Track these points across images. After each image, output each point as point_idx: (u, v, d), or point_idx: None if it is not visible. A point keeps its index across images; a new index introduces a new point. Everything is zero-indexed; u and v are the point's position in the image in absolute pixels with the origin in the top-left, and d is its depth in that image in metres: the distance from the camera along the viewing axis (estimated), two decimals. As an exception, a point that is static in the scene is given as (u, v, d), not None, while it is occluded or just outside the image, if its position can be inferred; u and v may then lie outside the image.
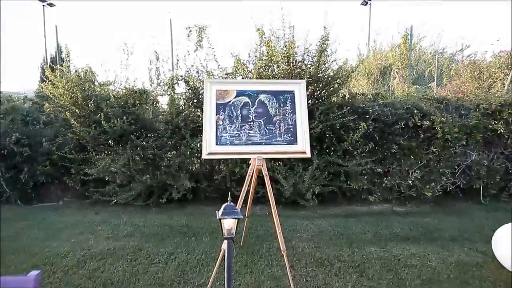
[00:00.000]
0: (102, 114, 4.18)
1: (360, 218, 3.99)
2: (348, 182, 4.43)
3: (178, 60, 5.19)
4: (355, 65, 4.54)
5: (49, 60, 9.45)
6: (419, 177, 4.58)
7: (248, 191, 2.46)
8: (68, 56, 5.09)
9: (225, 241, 1.56)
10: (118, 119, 4.24)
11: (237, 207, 2.32)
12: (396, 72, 9.95)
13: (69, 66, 4.97)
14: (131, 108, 4.47)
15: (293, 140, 2.28)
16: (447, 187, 4.81)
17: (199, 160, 4.50)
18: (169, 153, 4.33)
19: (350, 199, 4.72)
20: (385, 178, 4.60)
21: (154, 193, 4.35)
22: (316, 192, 4.14)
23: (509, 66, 6.45)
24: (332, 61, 4.26)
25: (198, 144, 4.11)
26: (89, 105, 4.38)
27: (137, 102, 4.58)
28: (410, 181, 4.60)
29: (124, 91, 4.64)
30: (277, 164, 4.25)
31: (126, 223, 3.75)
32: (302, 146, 2.26)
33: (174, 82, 4.51)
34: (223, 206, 1.55)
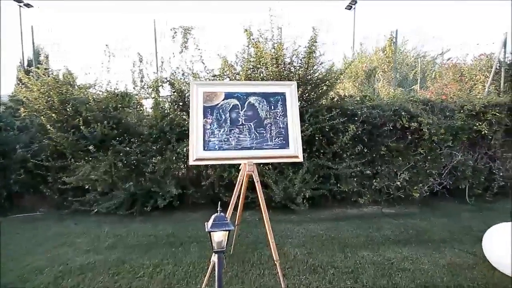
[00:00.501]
0: (81, 118, 3.95)
1: (351, 221, 3.94)
2: (338, 185, 4.40)
3: (162, 62, 5.03)
4: (343, 67, 4.53)
5: (25, 63, 9.00)
6: (407, 179, 4.61)
7: (238, 198, 2.34)
8: (46, 58, 4.82)
9: (215, 255, 1.43)
10: (99, 123, 4.01)
11: (227, 215, 2.22)
12: (381, 74, 10.15)
13: (46, 68, 4.70)
14: (113, 112, 4.26)
15: (285, 144, 2.19)
16: (434, 187, 4.88)
17: (185, 165, 4.34)
18: (153, 158, 4.14)
19: (340, 202, 4.68)
20: (374, 180, 4.60)
21: (138, 201, 4.14)
22: (307, 196, 4.07)
23: (489, 69, 6.67)
24: (320, 63, 4.22)
25: (185, 149, 3.95)
26: (67, 109, 4.12)
27: (119, 105, 4.36)
28: (399, 183, 4.62)
29: (105, 94, 4.41)
30: (267, 168, 4.15)
31: (108, 234, 3.53)
32: (294, 150, 2.17)
33: (158, 85, 4.33)
34: (212, 217, 1.43)
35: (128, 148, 4.17)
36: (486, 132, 4.58)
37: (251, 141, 2.15)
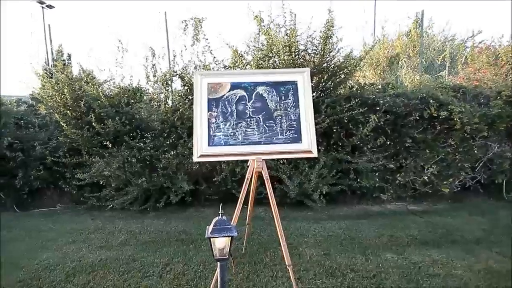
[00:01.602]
0: (93, 115, 3.94)
1: (373, 219, 3.68)
2: (358, 180, 4.12)
3: (175, 56, 4.92)
4: (365, 52, 4.18)
5: (50, 62, 9.31)
6: (436, 173, 4.23)
7: (248, 195, 2.18)
8: (61, 56, 4.87)
9: (218, 263, 1.28)
10: (111, 119, 4.00)
11: (234, 215, 2.07)
12: (404, 61, 9.49)
13: (65, 64, 4.76)
14: (125, 108, 4.22)
15: (297, 138, 1.98)
16: (466, 182, 4.46)
17: (198, 160, 4.24)
18: (166, 154, 4.07)
19: (360, 198, 4.41)
20: (398, 175, 4.27)
21: (151, 197, 4.12)
22: (324, 192, 3.84)
23: (530, 50, 5.98)
24: (338, 49, 3.91)
25: (196, 144, 3.84)
26: (80, 106, 4.14)
27: (131, 101, 4.32)
28: (426, 177, 4.25)
29: (116, 90, 4.39)
30: (281, 163, 3.96)
31: (122, 230, 3.52)
32: (308, 145, 1.96)
33: (168, 78, 4.23)
34: (213, 221, 1.27)
35: (141, 144, 4.13)
36: (527, 120, 4.08)
37: (259, 135, 1.97)
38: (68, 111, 4.21)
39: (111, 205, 4.08)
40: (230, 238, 1.26)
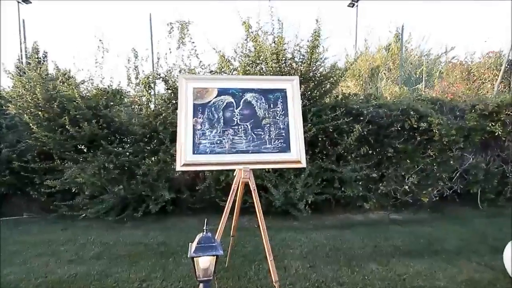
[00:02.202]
0: (67, 117, 3.69)
1: (357, 229, 3.68)
2: (343, 189, 4.12)
3: (159, 59, 4.76)
4: (349, 64, 4.25)
5: (24, 60, 8.76)
6: (416, 182, 4.34)
7: (233, 206, 2.08)
8: (36, 54, 4.57)
9: (200, 285, 1.17)
10: (87, 122, 3.76)
11: (219, 228, 1.96)
12: (384, 73, 9.86)
13: (40, 62, 4.46)
14: (103, 110, 4.00)
15: (286, 147, 1.92)
16: (444, 192, 4.61)
17: (180, 168, 4.07)
18: (146, 160, 3.88)
19: (344, 207, 4.41)
20: (380, 184, 4.34)
21: (128, 206, 3.89)
22: (309, 201, 3.80)
23: (498, 67, 6.39)
24: (324, 59, 3.95)
25: (179, 150, 3.69)
26: (54, 107, 3.87)
27: (110, 103, 4.10)
28: (407, 187, 4.35)
29: (95, 91, 4.15)
30: (266, 171, 3.89)
31: (94, 242, 3.27)
32: (297, 155, 1.91)
33: (151, 81, 4.07)
34: (197, 238, 1.16)
35: (119, 149, 3.91)
36: (500, 133, 4.30)
37: (247, 144, 1.89)
38: (39, 112, 3.92)
39: (84, 214, 3.80)
40: (215, 257, 1.16)
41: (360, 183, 4.20)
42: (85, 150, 3.85)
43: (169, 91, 4.13)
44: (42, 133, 3.79)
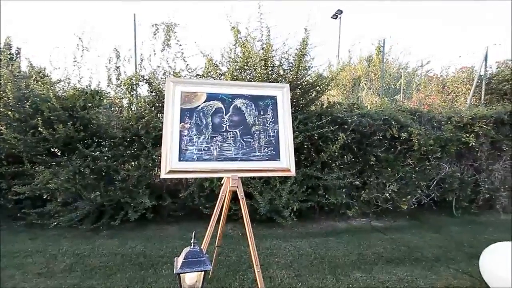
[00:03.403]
0: (40, 118, 3.45)
1: (341, 236, 3.70)
2: (327, 196, 4.15)
3: (142, 60, 4.62)
4: (334, 73, 4.34)
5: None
6: (396, 190, 4.46)
7: (219, 215, 2.01)
8: (8, 50, 4.27)
9: (186, 302, 1.09)
10: (62, 124, 3.53)
11: (206, 237, 1.87)
12: (365, 83, 10.22)
13: (12, 58, 4.16)
14: (80, 112, 3.78)
15: (275, 155, 1.89)
16: (422, 199, 4.77)
17: (162, 173, 3.92)
18: (126, 165, 3.70)
19: (328, 214, 4.45)
20: (363, 191, 4.42)
21: (105, 213, 3.67)
22: (295, 209, 3.79)
23: (471, 81, 6.80)
24: (310, 68, 4.00)
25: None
26: (26, 107, 3.61)
27: (88, 104, 3.89)
28: (387, 194, 4.46)
29: (72, 91, 3.93)
30: (252, 178, 3.84)
31: (67, 253, 3.04)
32: (286, 163, 1.88)
33: (134, 83, 3.91)
34: (183, 251, 1.09)
35: (96, 153, 3.71)
36: (473, 144, 4.54)
37: (236, 151, 1.83)
38: (9, 112, 3.63)
39: (56, 223, 3.53)
40: (203, 272, 1.08)
41: (344, 190, 4.25)
42: (59, 154, 3.61)
43: (153, 94, 4.00)
44: (11, 134, 3.51)
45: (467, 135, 4.58)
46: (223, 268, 2.72)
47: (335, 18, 11.39)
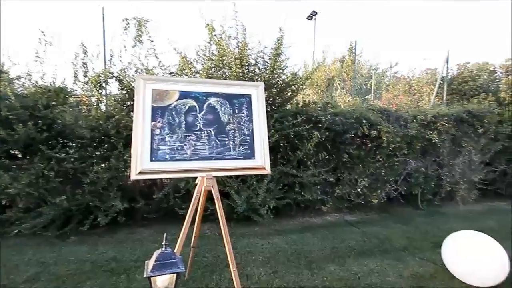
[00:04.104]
0: (-3, 117, 3.18)
1: (316, 232, 3.81)
2: (303, 193, 4.25)
3: (112, 56, 4.41)
4: (309, 73, 4.44)
5: None
6: (367, 185, 4.67)
7: (194, 216, 1.98)
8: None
9: (159, 305, 1.06)
10: (22, 124, 3.28)
11: (180, 238, 1.83)
12: (338, 83, 10.59)
13: None
14: (43, 111, 3.53)
15: (250, 154, 1.89)
16: (390, 194, 5.04)
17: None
18: (95, 166, 3.52)
19: (304, 211, 4.55)
20: (336, 188, 4.58)
21: (73, 218, 3.47)
22: (271, 206, 3.83)
23: (434, 82, 7.29)
24: (286, 67, 4.06)
25: (134, 156, 3.42)
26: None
27: (52, 103, 3.64)
28: (359, 189, 4.66)
29: (33, 88, 3.65)
30: (228, 177, 3.82)
31: (31, 262, 2.83)
32: (261, 161, 1.89)
33: (102, 80, 3.73)
34: (154, 254, 1.06)
35: (62, 154, 3.48)
36: (436, 140, 4.88)
37: (210, 150, 1.81)
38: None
39: (17, 230, 3.28)
40: (175, 274, 1.06)
41: (319, 187, 4.37)
42: (19, 156, 3.34)
43: (123, 92, 3.83)
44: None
45: (431, 132, 4.90)
46: (199, 269, 2.68)
47: (310, 19, 11.65)
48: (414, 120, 4.96)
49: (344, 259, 3.01)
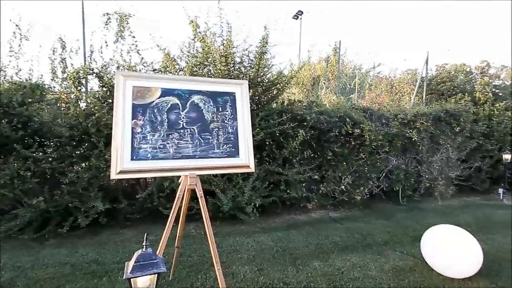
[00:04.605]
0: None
1: (301, 229, 3.86)
2: (288, 191, 4.29)
3: (92, 52, 4.26)
4: (294, 72, 4.47)
5: None
6: (350, 182, 4.78)
7: (178, 215, 1.95)
8: None
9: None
10: (-5, 122, 3.12)
11: (163, 238, 1.80)
12: (324, 83, 10.74)
13: None
14: (18, 108, 3.37)
15: (235, 152, 1.89)
16: (373, 190, 5.18)
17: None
18: (75, 166, 3.40)
19: (289, 208, 4.60)
20: (321, 185, 4.65)
21: (51, 220, 3.34)
22: (257, 205, 3.84)
23: (414, 82, 7.54)
24: (271, 66, 4.07)
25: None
26: None
27: (28, 100, 3.48)
28: (343, 187, 4.76)
29: (7, 85, 3.48)
30: (214, 176, 3.80)
31: (6, 266, 2.70)
32: (246, 159, 1.89)
33: (82, 76, 3.60)
34: (135, 255, 1.04)
35: (39, 154, 3.34)
36: (416, 138, 5.05)
37: (194, 149, 1.79)
38: None
39: (-10, 234, 3.12)
40: (156, 275, 1.05)
41: (304, 184, 4.43)
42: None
43: (104, 89, 3.72)
44: None
45: (411, 130, 5.08)
46: (184, 269, 2.65)
47: (296, 19, 11.73)
48: (395, 119, 5.11)
49: (328, 255, 3.06)
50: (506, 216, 4.64)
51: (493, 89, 7.65)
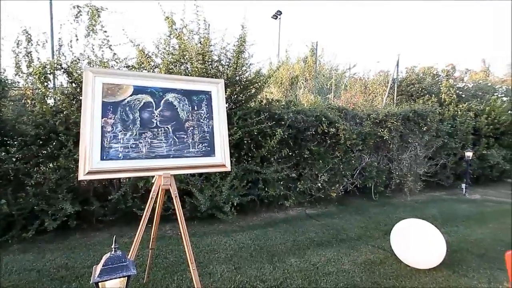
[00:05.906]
0: None
1: (279, 226, 3.92)
2: (266, 189, 4.34)
3: (61, 46, 4.03)
4: (272, 71, 4.51)
5: None
6: (326, 180, 4.93)
7: (152, 216, 1.91)
8: None
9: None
10: None
11: (135, 240, 1.76)
12: (302, 83, 10.94)
13: None
14: (-25, 105, 3.11)
15: (210, 151, 1.88)
16: (348, 187, 5.38)
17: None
18: (41, 167, 3.20)
19: (268, 206, 4.65)
20: (298, 183, 4.75)
21: (15, 224, 3.12)
22: (235, 203, 3.85)
23: (386, 84, 7.89)
24: (250, 64, 4.08)
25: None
26: None
27: (-13, 96, 3.23)
28: (319, 184, 4.89)
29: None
30: (191, 175, 3.75)
31: (-41, 276, 2.50)
32: (221, 158, 1.89)
33: (48, 72, 3.39)
34: (103, 258, 1.00)
35: (1, 154, 3.11)
36: (387, 137, 5.31)
37: (168, 148, 1.76)
38: None
39: None
40: (126, 278, 1.02)
41: (282, 183, 4.50)
42: None
43: (73, 85, 3.53)
44: None
45: (382, 130, 5.32)
46: (160, 270, 2.60)
47: (275, 18, 11.81)
48: (368, 119, 5.34)
49: (304, 251, 3.14)
50: (468, 210, 5.02)
51: (457, 91, 8.21)
